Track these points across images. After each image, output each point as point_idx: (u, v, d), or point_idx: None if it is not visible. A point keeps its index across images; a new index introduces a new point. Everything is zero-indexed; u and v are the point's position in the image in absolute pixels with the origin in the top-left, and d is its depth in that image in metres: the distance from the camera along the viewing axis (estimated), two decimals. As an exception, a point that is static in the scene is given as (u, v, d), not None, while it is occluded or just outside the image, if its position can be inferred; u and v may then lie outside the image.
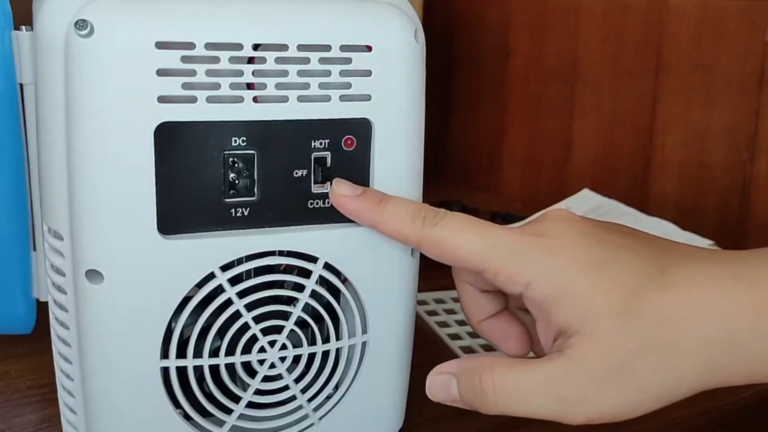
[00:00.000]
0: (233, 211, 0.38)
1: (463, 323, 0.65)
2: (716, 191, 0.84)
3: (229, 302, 0.39)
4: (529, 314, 0.39)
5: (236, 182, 0.38)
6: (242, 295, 0.39)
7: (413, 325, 0.44)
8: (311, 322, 0.41)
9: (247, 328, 0.39)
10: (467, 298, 0.41)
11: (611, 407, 0.34)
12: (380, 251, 0.41)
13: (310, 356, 0.41)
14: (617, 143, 0.92)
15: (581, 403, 0.34)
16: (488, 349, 0.61)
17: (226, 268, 0.38)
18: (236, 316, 0.39)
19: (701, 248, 0.37)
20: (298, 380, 0.41)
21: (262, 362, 0.40)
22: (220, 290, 0.38)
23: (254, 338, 0.40)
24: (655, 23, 0.86)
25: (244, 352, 0.40)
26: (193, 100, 0.36)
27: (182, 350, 0.39)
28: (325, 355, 0.42)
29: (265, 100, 0.37)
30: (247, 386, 0.40)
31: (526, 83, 1.02)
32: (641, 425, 0.52)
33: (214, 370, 0.40)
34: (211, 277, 0.38)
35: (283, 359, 0.41)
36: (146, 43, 0.34)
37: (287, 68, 0.37)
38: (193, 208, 0.37)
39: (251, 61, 0.36)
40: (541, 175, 1.02)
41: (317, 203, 0.39)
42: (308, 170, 0.39)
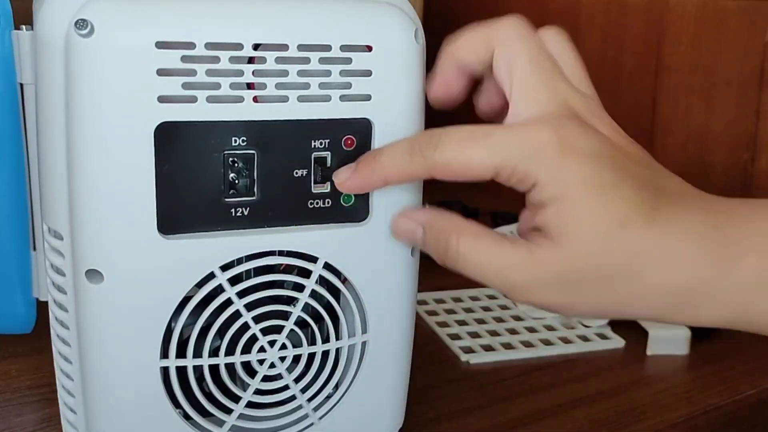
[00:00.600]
0: (233, 210, 0.38)
1: (463, 323, 0.65)
2: (716, 191, 0.83)
3: (228, 302, 0.39)
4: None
5: (236, 182, 0.38)
6: (242, 294, 0.39)
7: (413, 325, 0.44)
8: (311, 321, 0.41)
9: (246, 327, 0.39)
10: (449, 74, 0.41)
11: (554, 304, 0.37)
12: (380, 251, 0.41)
13: (309, 356, 0.41)
14: (617, 143, 0.91)
15: (528, 292, 0.37)
16: (488, 349, 0.61)
17: (225, 267, 0.38)
18: (236, 315, 0.39)
19: (700, 193, 0.39)
20: (297, 380, 0.41)
21: (261, 362, 0.40)
22: (219, 290, 0.38)
23: (254, 338, 0.40)
24: (655, 23, 0.86)
25: (243, 351, 0.40)
26: (193, 99, 0.36)
27: (182, 350, 0.39)
28: (324, 354, 0.42)
29: (265, 99, 0.37)
30: (246, 386, 0.40)
31: (526, 83, 1.01)
32: (641, 425, 0.52)
33: (213, 369, 0.40)
34: (210, 276, 0.38)
35: (282, 359, 0.41)
36: (146, 42, 0.34)
37: (287, 68, 0.37)
38: (193, 207, 0.37)
39: (251, 60, 0.36)
40: (541, 175, 1.01)
41: (317, 203, 0.39)
42: (308, 170, 0.39)
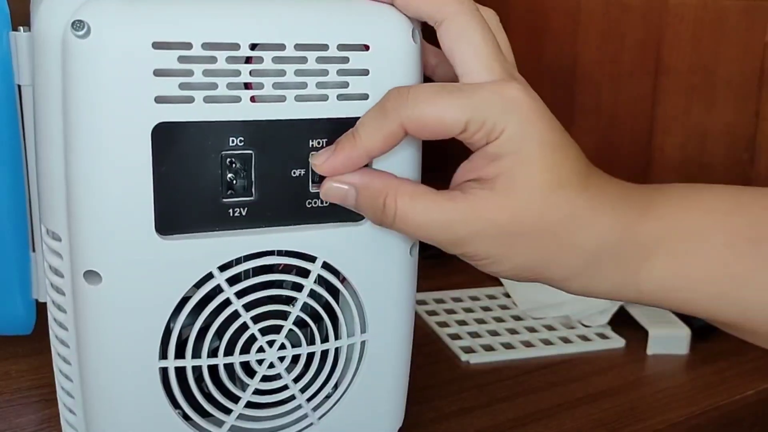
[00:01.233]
0: (231, 211, 0.38)
1: (463, 323, 0.65)
2: (717, 191, 0.83)
3: (227, 302, 0.39)
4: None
5: (234, 182, 0.38)
6: (241, 295, 0.39)
7: (412, 324, 0.44)
8: (310, 321, 0.41)
9: (245, 328, 0.39)
10: None
11: (485, 254, 0.37)
12: (379, 250, 0.41)
13: (308, 356, 0.41)
14: (617, 143, 0.92)
15: (466, 244, 0.37)
16: (488, 349, 0.61)
17: (224, 268, 0.38)
18: (235, 316, 0.39)
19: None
20: (297, 380, 0.41)
21: (260, 362, 0.40)
22: (218, 290, 0.38)
23: (253, 338, 0.40)
24: (654, 24, 0.86)
25: (242, 352, 0.40)
26: (190, 100, 0.36)
27: (181, 350, 0.39)
28: (324, 354, 0.42)
29: (262, 99, 0.37)
30: (246, 386, 0.40)
31: (525, 84, 1.02)
32: (641, 425, 0.52)
33: (212, 370, 0.40)
34: (209, 277, 0.38)
35: (281, 359, 0.41)
36: (143, 43, 0.34)
37: (284, 68, 0.37)
38: (190, 208, 0.37)
39: (248, 60, 0.36)
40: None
41: (315, 203, 0.39)
42: (306, 170, 0.39)
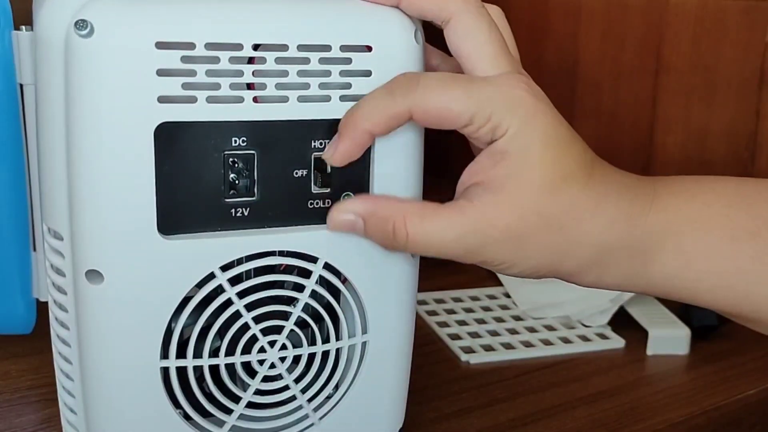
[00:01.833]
0: (233, 211, 0.38)
1: (463, 323, 0.65)
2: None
3: (229, 302, 0.39)
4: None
5: (236, 182, 0.38)
6: (242, 295, 0.39)
7: (413, 325, 0.44)
8: (311, 322, 0.41)
9: (247, 328, 0.39)
10: None
11: (500, 260, 0.38)
12: (380, 251, 0.41)
13: (310, 356, 0.41)
14: (617, 143, 0.92)
15: (485, 252, 0.37)
16: (488, 349, 0.61)
17: (226, 268, 0.38)
18: (236, 316, 0.39)
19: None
20: (298, 380, 0.41)
21: (262, 362, 0.40)
22: (220, 290, 0.38)
23: (254, 338, 0.40)
24: (655, 23, 0.86)
25: (244, 352, 0.40)
26: (193, 100, 0.36)
27: (182, 350, 0.39)
28: (325, 355, 0.42)
29: (265, 100, 0.37)
30: (247, 386, 0.40)
31: (526, 83, 1.01)
32: (641, 425, 0.52)
33: (214, 370, 0.40)
34: (211, 277, 0.38)
35: (283, 359, 0.41)
36: (146, 43, 0.34)
37: (287, 68, 0.37)
38: (193, 208, 0.37)
39: (251, 61, 0.36)
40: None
41: (317, 203, 0.39)
42: (308, 170, 0.39)
